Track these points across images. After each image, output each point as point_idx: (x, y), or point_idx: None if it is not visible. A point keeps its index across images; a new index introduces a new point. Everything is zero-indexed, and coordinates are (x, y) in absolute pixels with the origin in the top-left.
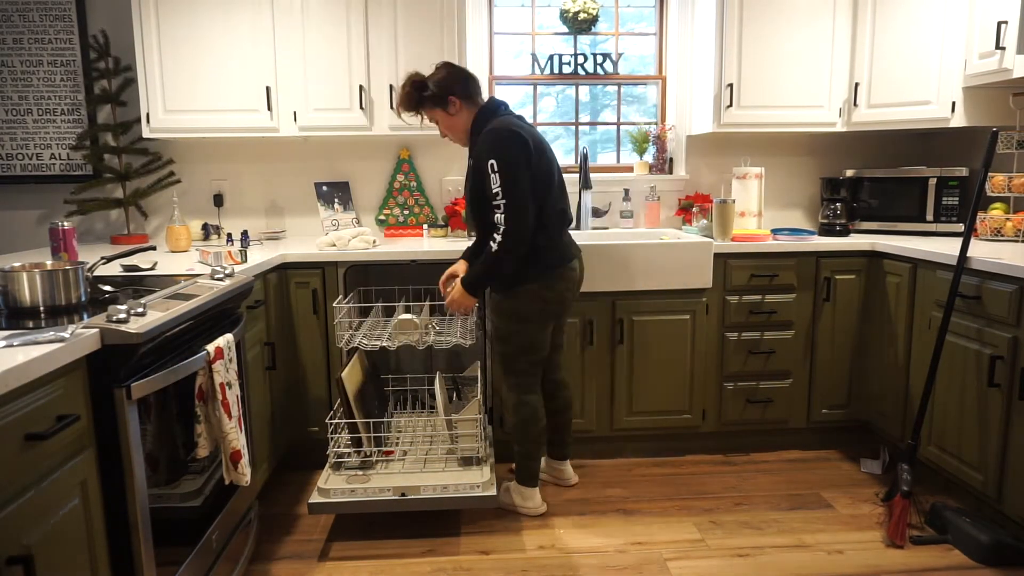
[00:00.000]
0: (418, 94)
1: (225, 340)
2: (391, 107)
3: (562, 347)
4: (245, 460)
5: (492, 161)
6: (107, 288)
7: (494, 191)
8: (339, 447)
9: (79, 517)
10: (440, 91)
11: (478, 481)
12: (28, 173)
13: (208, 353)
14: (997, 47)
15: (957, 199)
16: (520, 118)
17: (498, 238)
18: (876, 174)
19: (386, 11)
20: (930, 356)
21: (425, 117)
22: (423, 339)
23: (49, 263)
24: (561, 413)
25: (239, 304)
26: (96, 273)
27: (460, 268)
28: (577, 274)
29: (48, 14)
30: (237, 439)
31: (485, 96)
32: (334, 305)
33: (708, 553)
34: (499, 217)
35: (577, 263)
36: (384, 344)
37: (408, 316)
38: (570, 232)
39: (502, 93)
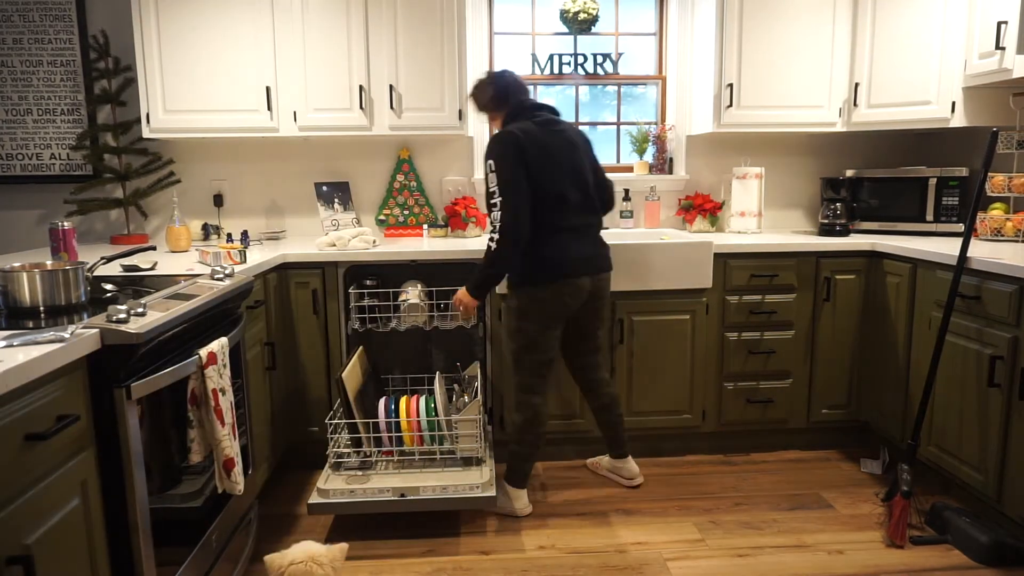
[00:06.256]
0: (471, 98)
1: (219, 344)
2: (391, 107)
3: (598, 350)
4: (238, 468)
5: (489, 161)
6: (107, 288)
7: (491, 190)
8: (339, 447)
9: (79, 517)
10: (479, 102)
11: (478, 481)
12: (28, 173)
13: (200, 358)
14: (997, 47)
15: (957, 199)
16: (536, 121)
17: (495, 236)
18: (876, 174)
19: (386, 11)
20: (930, 356)
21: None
22: (429, 322)
23: (49, 263)
24: (607, 410)
25: (239, 304)
26: (96, 273)
27: None
28: (585, 285)
29: (48, 14)
30: (230, 447)
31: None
32: (349, 291)
33: (708, 553)
34: (495, 215)
35: (588, 280)
36: (393, 326)
37: (415, 300)
38: (598, 245)
39: None
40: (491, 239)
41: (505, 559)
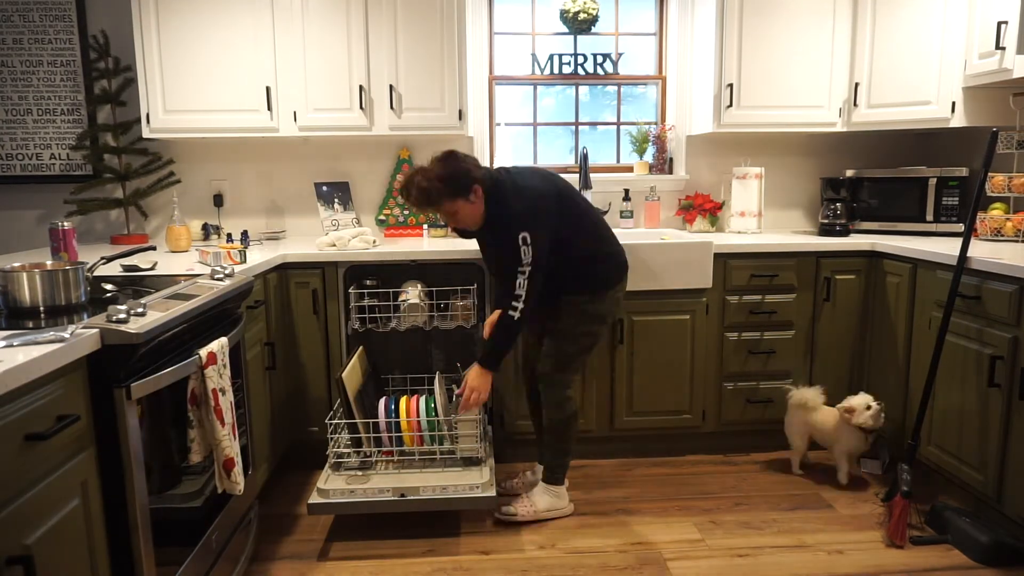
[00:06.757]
0: (447, 186)
1: (219, 344)
2: (391, 107)
3: None
4: (238, 468)
5: (524, 234)
6: (107, 288)
7: (525, 261)
8: (339, 447)
9: (79, 517)
10: (467, 181)
11: (478, 481)
12: (28, 173)
13: (200, 358)
14: (997, 47)
15: (957, 199)
16: (533, 173)
17: (519, 305)
18: (876, 174)
19: (386, 11)
20: (930, 356)
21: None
22: (429, 322)
23: (49, 263)
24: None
25: (239, 304)
26: (96, 273)
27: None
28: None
29: (48, 14)
30: (230, 447)
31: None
32: (349, 291)
33: (708, 553)
34: (521, 281)
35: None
36: (393, 326)
37: (415, 300)
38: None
39: (502, 93)
40: (513, 308)
41: (505, 559)
